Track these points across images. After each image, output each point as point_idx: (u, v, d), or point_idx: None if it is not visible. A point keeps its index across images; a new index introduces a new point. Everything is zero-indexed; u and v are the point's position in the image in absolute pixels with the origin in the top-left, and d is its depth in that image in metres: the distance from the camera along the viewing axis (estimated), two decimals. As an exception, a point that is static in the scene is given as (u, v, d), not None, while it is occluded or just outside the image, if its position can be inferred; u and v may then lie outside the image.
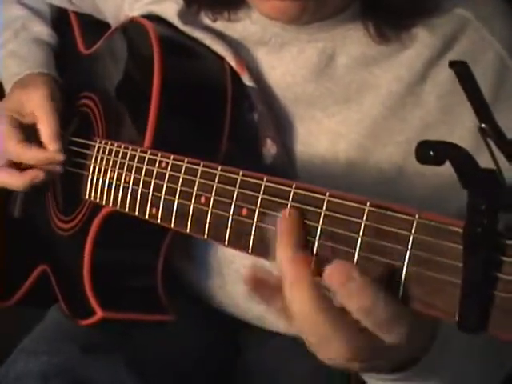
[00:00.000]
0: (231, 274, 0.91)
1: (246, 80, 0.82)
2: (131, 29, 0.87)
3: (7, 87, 1.00)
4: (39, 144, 0.90)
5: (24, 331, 0.89)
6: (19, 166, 0.92)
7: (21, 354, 0.85)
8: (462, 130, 0.76)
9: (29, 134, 0.91)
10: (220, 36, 0.85)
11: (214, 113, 0.82)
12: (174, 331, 0.91)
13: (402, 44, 0.77)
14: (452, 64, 0.40)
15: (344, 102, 0.79)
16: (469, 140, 0.74)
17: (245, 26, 0.84)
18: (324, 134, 0.80)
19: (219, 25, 0.86)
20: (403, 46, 0.77)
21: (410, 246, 0.46)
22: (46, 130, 0.90)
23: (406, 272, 0.46)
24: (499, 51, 0.75)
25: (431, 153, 0.39)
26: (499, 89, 0.75)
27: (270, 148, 0.82)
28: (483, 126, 0.40)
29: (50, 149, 0.89)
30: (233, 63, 0.83)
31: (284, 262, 0.51)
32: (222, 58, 0.84)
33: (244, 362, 0.98)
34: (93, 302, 0.82)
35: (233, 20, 0.84)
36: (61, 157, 0.89)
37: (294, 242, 0.52)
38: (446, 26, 0.76)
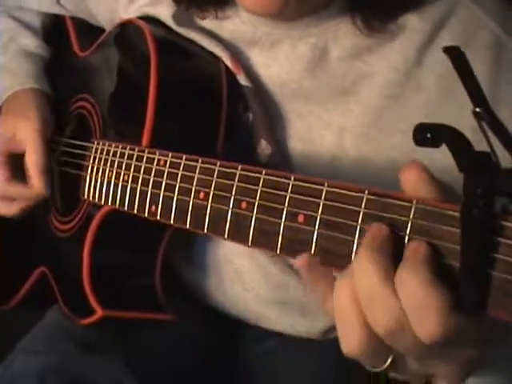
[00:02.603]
0: (229, 274, 0.91)
1: (242, 80, 0.83)
2: (127, 30, 0.88)
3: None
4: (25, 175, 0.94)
5: (23, 331, 0.89)
6: None
7: (19, 353, 0.86)
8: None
9: (19, 162, 0.94)
10: (215, 37, 0.86)
11: (211, 113, 0.82)
12: (172, 331, 0.92)
13: (392, 33, 0.76)
14: (446, 49, 0.41)
15: (342, 95, 0.79)
16: None
17: (235, 26, 0.84)
18: (326, 129, 0.80)
19: (212, 25, 0.86)
20: (394, 35, 0.76)
21: (408, 232, 0.47)
22: (32, 165, 0.93)
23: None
24: (493, 28, 0.74)
25: (428, 135, 0.40)
26: (498, 65, 0.74)
27: (265, 148, 0.82)
28: (477, 109, 0.41)
29: (35, 184, 0.92)
30: (229, 63, 0.83)
31: None
32: (217, 59, 0.84)
33: (242, 362, 0.98)
34: (92, 301, 0.82)
35: (221, 18, 0.84)
36: (45, 192, 0.93)
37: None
38: (436, 9, 0.75)
